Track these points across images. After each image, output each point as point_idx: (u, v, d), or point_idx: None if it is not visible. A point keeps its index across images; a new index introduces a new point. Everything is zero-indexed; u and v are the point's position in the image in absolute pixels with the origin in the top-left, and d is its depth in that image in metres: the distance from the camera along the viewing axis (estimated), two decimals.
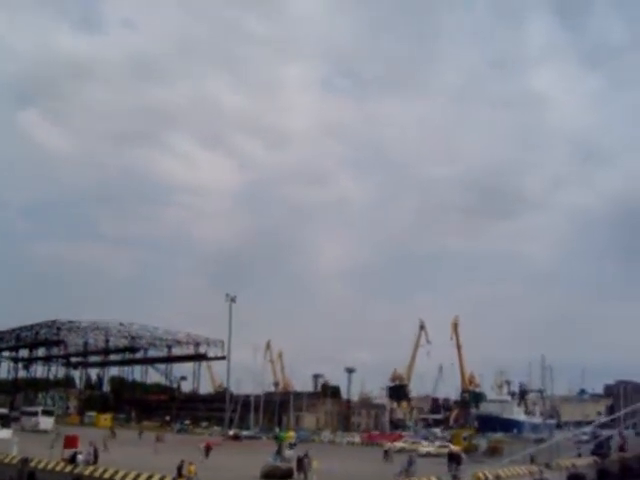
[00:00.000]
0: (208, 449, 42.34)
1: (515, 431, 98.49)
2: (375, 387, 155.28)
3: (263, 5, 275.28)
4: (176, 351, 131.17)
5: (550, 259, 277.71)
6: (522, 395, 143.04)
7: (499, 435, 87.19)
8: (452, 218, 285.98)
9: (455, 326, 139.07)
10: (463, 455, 45.51)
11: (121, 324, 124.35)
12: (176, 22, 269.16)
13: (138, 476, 32.24)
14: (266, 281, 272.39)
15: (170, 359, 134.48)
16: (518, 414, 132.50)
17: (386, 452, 51.26)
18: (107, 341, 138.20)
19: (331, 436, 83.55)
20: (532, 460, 46.55)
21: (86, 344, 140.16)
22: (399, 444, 63.12)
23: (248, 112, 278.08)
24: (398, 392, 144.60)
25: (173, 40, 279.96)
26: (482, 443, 59.86)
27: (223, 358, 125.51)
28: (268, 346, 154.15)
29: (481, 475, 37.91)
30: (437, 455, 52.20)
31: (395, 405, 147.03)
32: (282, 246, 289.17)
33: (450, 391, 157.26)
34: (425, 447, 57.15)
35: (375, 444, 69.05)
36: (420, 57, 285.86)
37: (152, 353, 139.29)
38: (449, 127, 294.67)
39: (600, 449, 56.07)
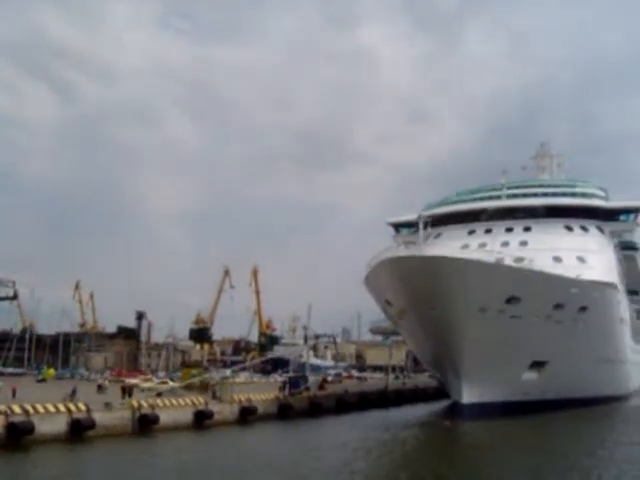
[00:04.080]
0: None
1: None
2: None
3: None
4: None
5: (373, 212, 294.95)
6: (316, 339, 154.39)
7: None
8: (282, 167, 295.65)
9: (255, 273, 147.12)
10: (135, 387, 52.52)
11: None
12: None
13: None
14: (97, 223, 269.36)
15: None
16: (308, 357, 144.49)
17: (99, 386, 58.36)
18: None
19: (89, 374, 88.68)
20: (214, 394, 54.24)
21: None
22: (134, 380, 70.37)
23: (76, 45, 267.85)
24: (200, 334, 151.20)
25: None
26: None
27: (13, 298, 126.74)
28: (77, 287, 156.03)
29: (135, 403, 44.36)
30: (151, 389, 58.59)
31: (198, 347, 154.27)
32: (112, 187, 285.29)
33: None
34: (146, 383, 63.51)
35: (120, 381, 74.51)
36: (255, 5, 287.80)
37: None
38: (283, 77, 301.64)
39: (295, 387, 65.22)
